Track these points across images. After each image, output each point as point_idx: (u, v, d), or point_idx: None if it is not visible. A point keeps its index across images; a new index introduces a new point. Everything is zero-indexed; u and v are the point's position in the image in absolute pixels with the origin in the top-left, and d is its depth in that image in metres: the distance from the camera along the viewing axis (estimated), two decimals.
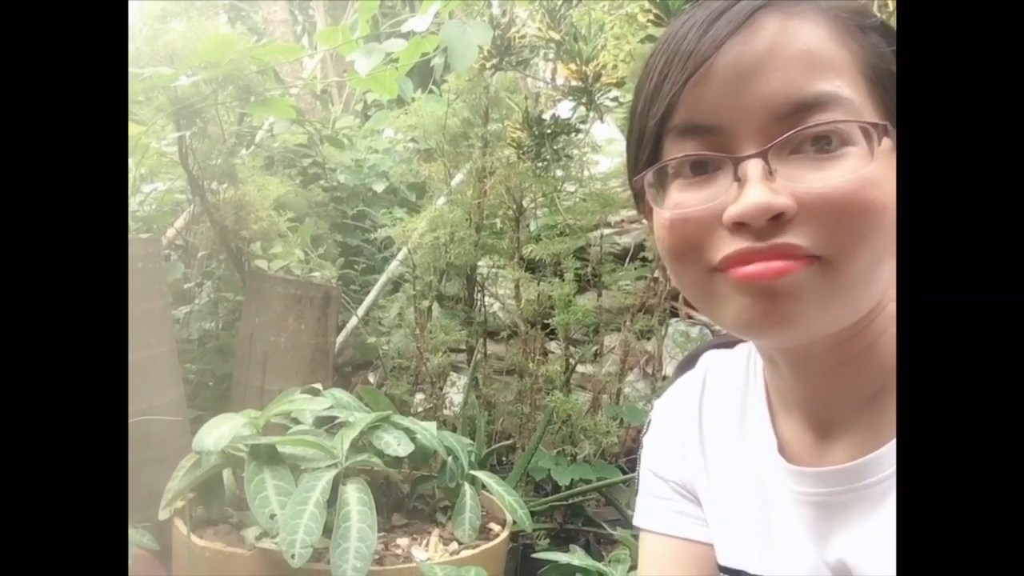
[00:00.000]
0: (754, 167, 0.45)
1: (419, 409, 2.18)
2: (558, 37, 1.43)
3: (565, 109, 1.64)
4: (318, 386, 1.55)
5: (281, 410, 1.42)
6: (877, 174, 0.44)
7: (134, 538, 1.34)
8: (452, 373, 2.33)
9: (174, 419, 1.70)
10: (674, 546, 0.64)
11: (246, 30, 3.43)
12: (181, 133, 1.87)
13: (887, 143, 0.45)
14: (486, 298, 2.40)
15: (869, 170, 0.44)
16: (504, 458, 2.15)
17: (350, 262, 2.57)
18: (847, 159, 0.45)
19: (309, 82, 3.02)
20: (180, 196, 2.34)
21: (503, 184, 2.08)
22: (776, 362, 0.55)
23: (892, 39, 0.49)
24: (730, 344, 0.66)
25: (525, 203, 2.19)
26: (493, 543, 1.39)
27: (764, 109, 0.45)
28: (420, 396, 2.25)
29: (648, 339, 2.19)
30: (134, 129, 1.77)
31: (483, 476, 1.48)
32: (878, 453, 0.49)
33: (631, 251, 2.37)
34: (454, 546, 1.39)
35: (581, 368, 2.25)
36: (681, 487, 0.64)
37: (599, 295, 2.22)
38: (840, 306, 0.46)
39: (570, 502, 1.88)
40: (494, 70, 1.58)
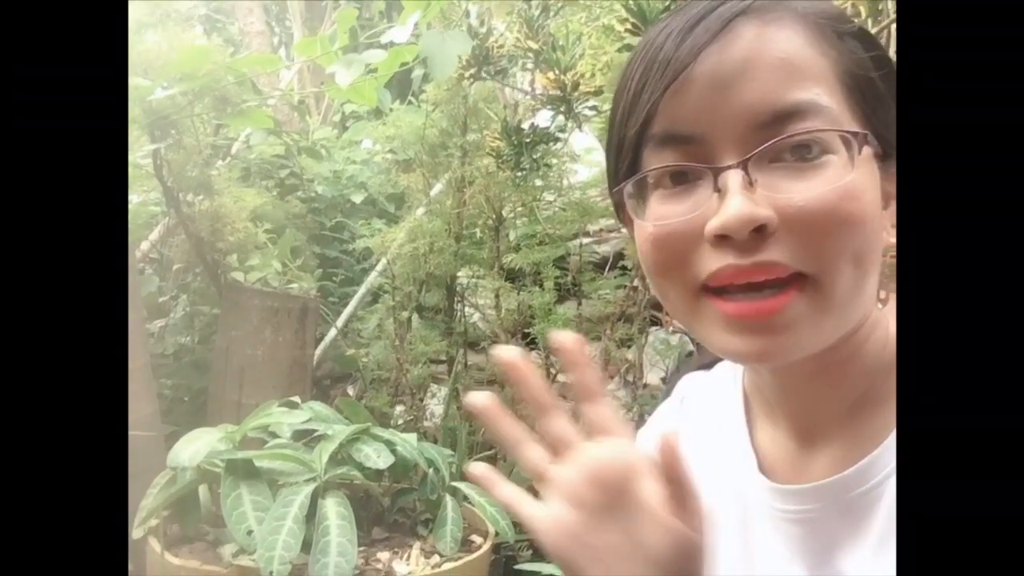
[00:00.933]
0: (734, 178, 0.44)
1: (399, 421, 2.16)
2: (536, 46, 1.44)
3: (543, 119, 1.65)
4: (296, 399, 1.53)
5: (258, 424, 1.39)
6: (858, 183, 0.44)
7: None
8: (432, 384, 2.32)
9: (148, 435, 1.67)
10: None
11: (222, 42, 3.41)
12: (156, 145, 1.85)
13: (867, 151, 0.45)
14: (466, 308, 2.39)
15: (850, 179, 0.44)
16: None
17: (328, 274, 2.55)
18: (828, 168, 0.44)
19: (286, 93, 3.00)
20: (155, 208, 2.31)
21: (483, 194, 2.08)
22: (758, 371, 0.55)
23: (870, 45, 0.49)
24: (708, 365, 0.65)
25: (505, 213, 2.19)
26: (475, 555, 1.38)
27: (743, 118, 0.45)
28: (400, 408, 2.23)
29: (628, 348, 2.20)
30: None
31: (465, 488, 1.47)
32: (862, 464, 0.49)
33: (610, 260, 2.38)
34: (436, 559, 1.38)
35: (562, 377, 2.25)
36: None
37: (579, 304, 2.22)
38: (832, 324, 0.46)
39: None
40: (472, 80, 1.59)
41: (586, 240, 2.35)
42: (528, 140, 1.59)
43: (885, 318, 0.51)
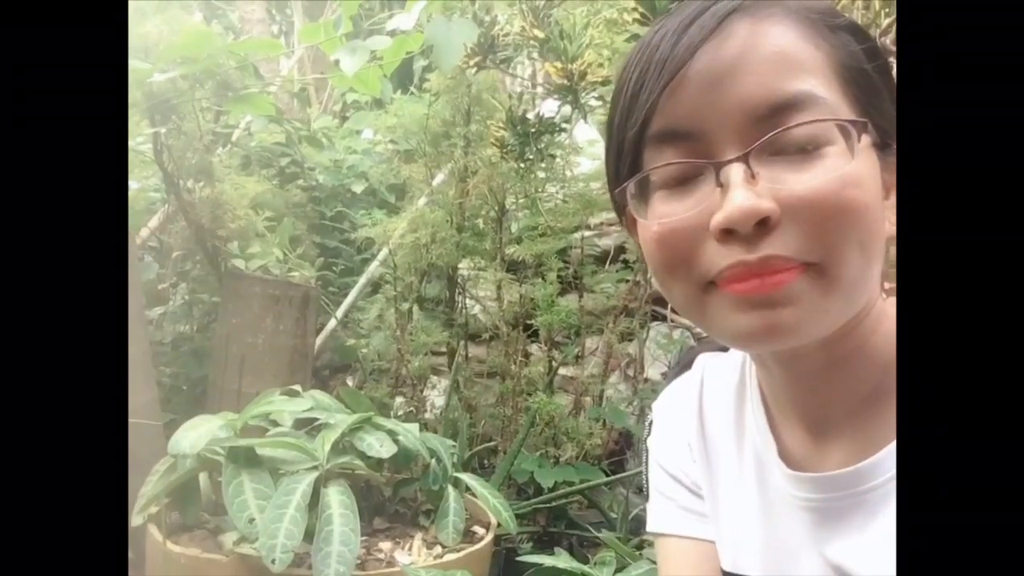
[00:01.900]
0: (736, 171, 0.45)
1: (399, 412, 2.15)
2: (542, 35, 1.43)
3: (549, 108, 1.64)
4: (297, 388, 1.52)
5: (259, 412, 1.38)
6: (858, 172, 0.45)
7: None
8: (433, 376, 2.31)
9: (148, 423, 1.66)
10: (689, 547, 0.63)
11: (222, 29, 3.38)
12: (156, 130, 1.83)
13: (866, 140, 0.46)
14: (467, 300, 2.38)
15: (851, 168, 0.44)
16: (486, 461, 2.13)
17: (328, 263, 2.53)
18: (828, 158, 0.45)
19: (287, 81, 2.98)
20: (154, 195, 2.29)
21: (485, 184, 2.06)
22: (767, 365, 0.55)
23: (862, 38, 0.50)
24: (724, 348, 0.65)
25: (507, 204, 2.18)
26: (477, 546, 1.37)
27: (741, 112, 0.46)
28: (400, 399, 2.22)
29: (630, 341, 2.19)
30: None
31: (467, 478, 1.46)
32: (876, 457, 0.49)
33: (611, 253, 2.37)
34: (438, 550, 1.37)
35: (563, 370, 2.24)
36: (694, 484, 0.64)
37: (580, 297, 2.22)
38: (838, 308, 0.46)
39: (553, 504, 1.87)
40: (477, 68, 1.57)
41: (587, 233, 2.35)
42: (533, 129, 1.58)
43: (891, 309, 0.51)
